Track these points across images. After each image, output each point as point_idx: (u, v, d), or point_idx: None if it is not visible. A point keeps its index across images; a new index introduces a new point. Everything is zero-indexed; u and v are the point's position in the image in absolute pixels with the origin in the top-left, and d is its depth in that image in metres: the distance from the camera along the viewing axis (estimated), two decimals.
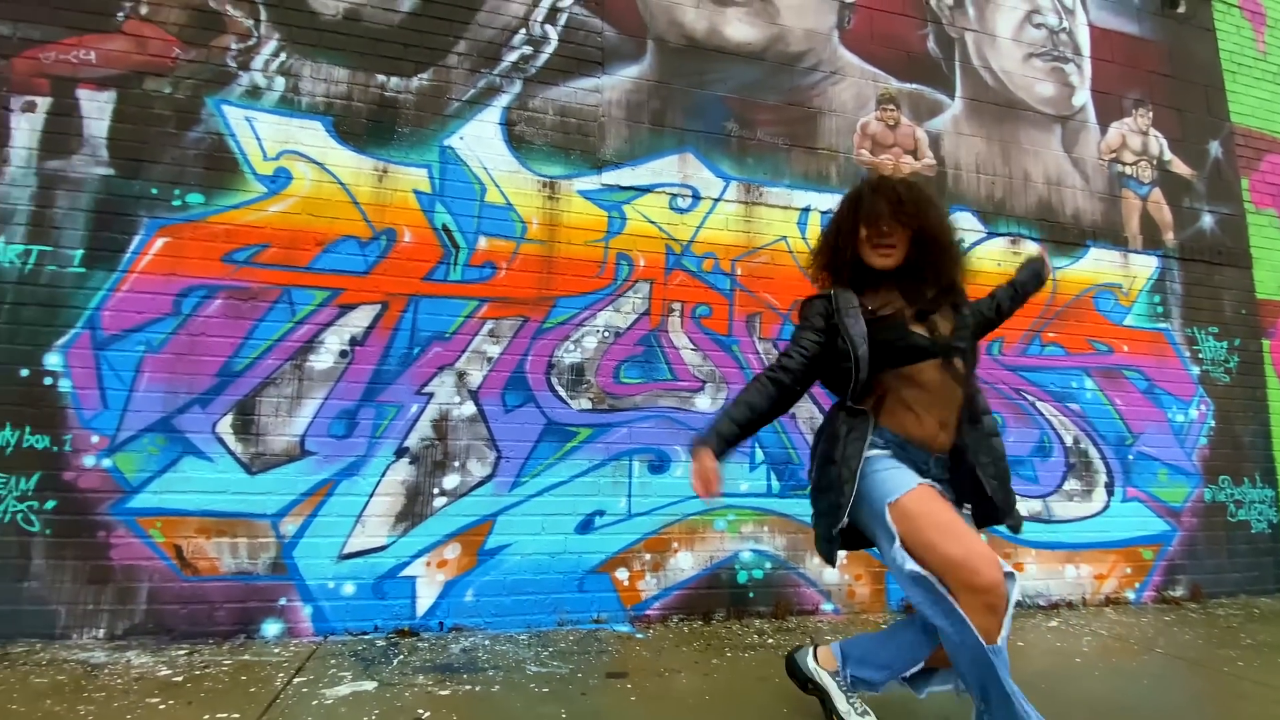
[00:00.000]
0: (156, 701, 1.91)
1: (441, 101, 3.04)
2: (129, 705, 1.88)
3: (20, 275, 2.53)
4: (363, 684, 2.09)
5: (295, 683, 2.09)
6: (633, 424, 3.03)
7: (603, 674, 2.26)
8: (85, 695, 1.94)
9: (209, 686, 2.04)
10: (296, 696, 1.98)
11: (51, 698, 1.91)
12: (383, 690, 2.05)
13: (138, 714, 1.83)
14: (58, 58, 2.68)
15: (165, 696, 1.95)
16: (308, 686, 2.06)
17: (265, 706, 1.90)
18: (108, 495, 2.49)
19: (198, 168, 2.73)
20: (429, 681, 2.14)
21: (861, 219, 1.70)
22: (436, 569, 2.73)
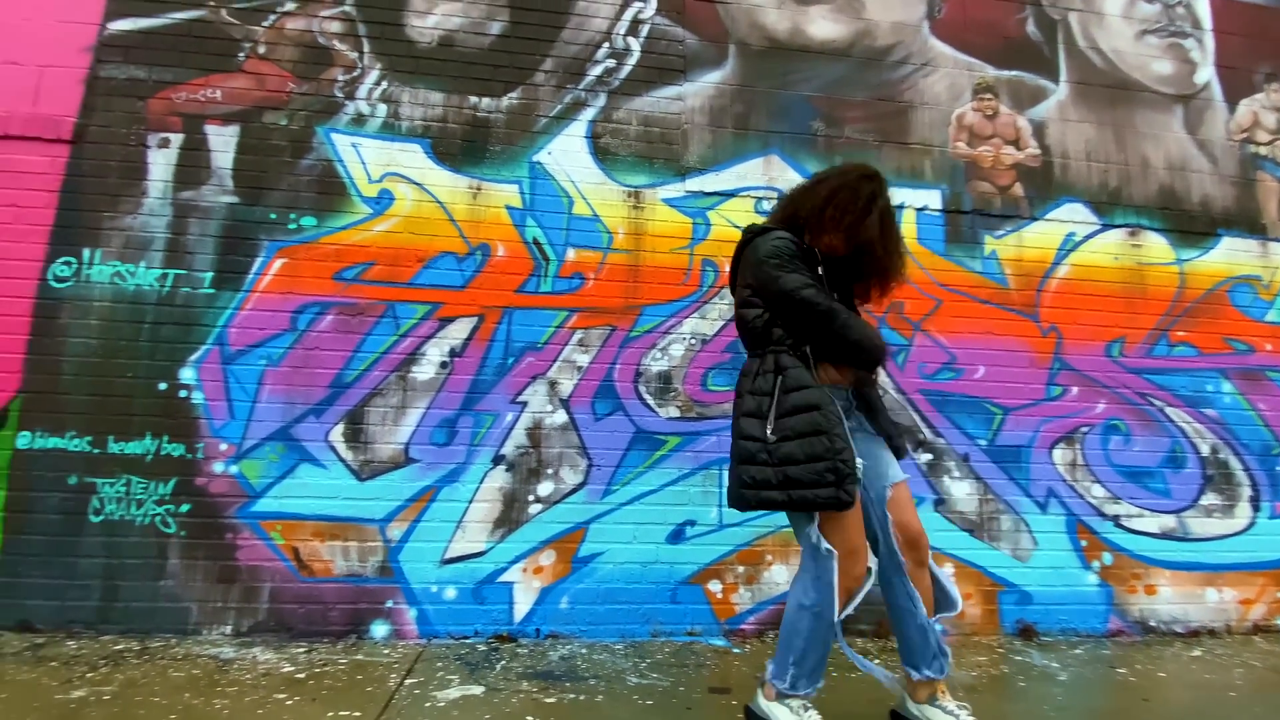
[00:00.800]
0: (284, 697, 2.02)
1: (530, 119, 3.12)
2: (259, 700, 1.99)
3: (159, 297, 2.78)
4: (470, 688, 2.13)
5: (407, 684, 2.15)
6: (721, 433, 2.97)
7: (704, 689, 2.21)
8: (219, 689, 2.07)
9: (329, 684, 2.14)
10: (410, 698, 2.04)
11: (189, 690, 2.05)
12: (490, 695, 2.09)
13: (268, 709, 1.94)
14: (188, 97, 2.94)
15: (291, 692, 2.06)
16: (419, 688, 2.12)
17: (383, 706, 1.96)
18: (234, 500, 2.68)
19: (310, 193, 2.92)
20: (533, 688, 2.15)
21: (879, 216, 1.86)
22: (533, 575, 2.77)
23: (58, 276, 2.73)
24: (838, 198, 1.86)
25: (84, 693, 1.98)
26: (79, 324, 2.71)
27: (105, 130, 2.86)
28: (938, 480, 3.09)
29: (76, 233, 2.77)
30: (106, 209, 2.80)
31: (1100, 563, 3.15)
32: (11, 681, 2.04)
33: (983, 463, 3.16)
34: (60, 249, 2.75)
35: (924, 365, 3.18)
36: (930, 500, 3.06)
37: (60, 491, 2.60)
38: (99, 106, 2.88)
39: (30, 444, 2.62)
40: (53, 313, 2.70)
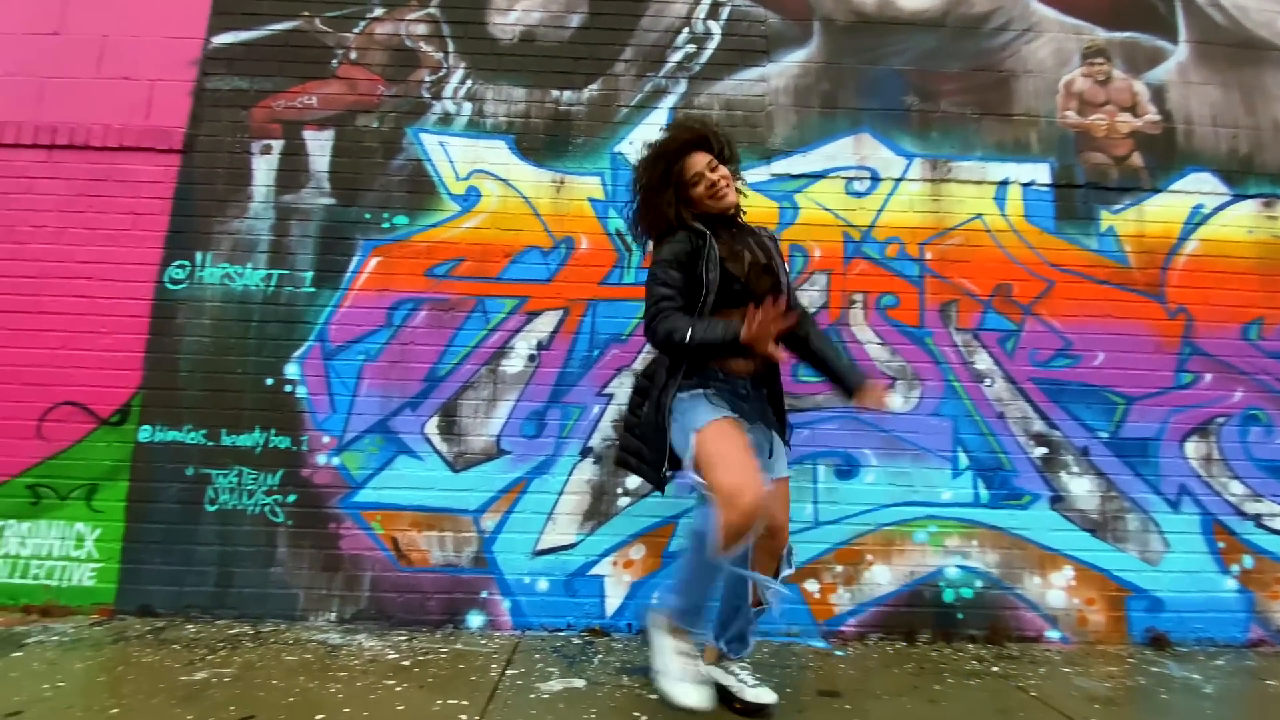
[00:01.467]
0: (392, 683, 2.04)
1: (611, 110, 3.09)
2: (369, 686, 2.02)
3: (264, 296, 2.89)
4: (572, 680, 2.10)
5: (509, 674, 2.14)
6: (815, 425, 2.85)
7: (814, 692, 2.10)
8: (330, 674, 2.11)
9: (434, 672, 2.15)
10: (513, 689, 2.03)
11: (303, 674, 2.10)
12: (592, 689, 2.05)
13: (379, 694, 1.96)
14: (287, 105, 3.06)
15: (399, 679, 2.08)
16: (521, 679, 2.11)
17: (489, 696, 1.95)
18: (337, 490, 2.75)
19: (401, 192, 2.98)
20: (635, 684, 2.10)
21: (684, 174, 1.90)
22: (623, 569, 2.72)
23: (173, 279, 2.89)
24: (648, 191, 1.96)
25: (206, 675, 2.06)
26: (193, 323, 2.86)
27: (212, 139, 3.01)
28: (1054, 476, 2.86)
29: (189, 237, 2.93)
30: (215, 214, 2.95)
31: (1240, 566, 2.83)
32: (136, 663, 2.15)
33: (1105, 457, 2.90)
34: (174, 253, 2.92)
35: (1036, 352, 2.95)
36: (1046, 497, 2.84)
37: (178, 482, 2.74)
38: (205, 117, 3.03)
39: (150, 437, 2.77)
40: (169, 313, 2.86)
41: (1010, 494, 2.83)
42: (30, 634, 2.39)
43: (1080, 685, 2.28)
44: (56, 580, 2.67)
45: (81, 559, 2.69)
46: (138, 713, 1.77)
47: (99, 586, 2.67)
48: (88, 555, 2.69)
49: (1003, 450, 2.85)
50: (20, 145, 2.98)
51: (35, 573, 2.68)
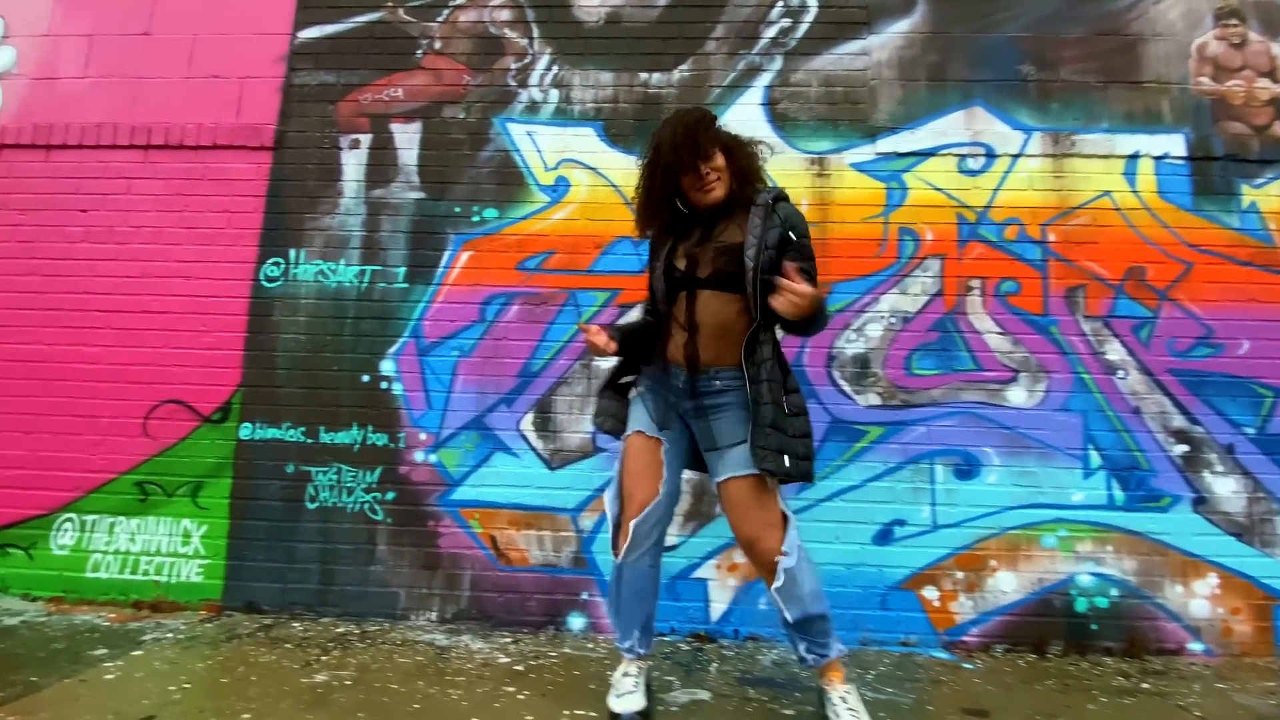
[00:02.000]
0: (512, 690, 1.97)
1: (702, 91, 2.94)
2: (490, 693, 1.96)
3: (358, 293, 2.87)
4: (695, 692, 2.00)
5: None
6: (931, 422, 2.67)
7: (958, 710, 1.95)
8: (447, 679, 2.06)
9: (549, 679, 2.08)
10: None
11: (420, 678, 2.06)
12: (721, 702, 1.94)
13: (503, 702, 1.90)
14: (373, 98, 3.02)
15: (517, 685, 2.01)
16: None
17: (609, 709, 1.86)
18: (435, 488, 2.72)
19: (490, 184, 2.91)
20: (763, 696, 1.99)
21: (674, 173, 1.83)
22: (728, 573, 2.61)
23: (268, 276, 2.89)
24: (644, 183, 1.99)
25: (325, 677, 2.03)
26: (289, 320, 2.85)
27: (302, 135, 3.00)
28: (1196, 476, 2.61)
29: (282, 234, 2.92)
30: (307, 210, 2.94)
31: None
32: (255, 663, 2.14)
33: (1252, 455, 2.64)
34: (269, 250, 2.91)
35: (1174, 340, 2.69)
36: (1187, 499, 2.60)
37: (279, 479, 2.75)
38: (294, 113, 3.02)
39: (251, 434, 2.78)
40: (265, 310, 2.86)
41: (1148, 495, 2.60)
42: (145, 630, 2.42)
43: (1243, 703, 2.08)
44: (166, 576, 2.71)
45: (189, 555, 2.72)
46: (269, 717, 1.75)
47: (206, 583, 2.70)
48: (195, 552, 2.73)
49: (1139, 448, 2.62)
50: (117, 146, 3.02)
51: (145, 569, 2.73)
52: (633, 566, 1.82)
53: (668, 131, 1.84)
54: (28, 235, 2.99)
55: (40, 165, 3.04)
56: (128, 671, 2.03)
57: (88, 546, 2.75)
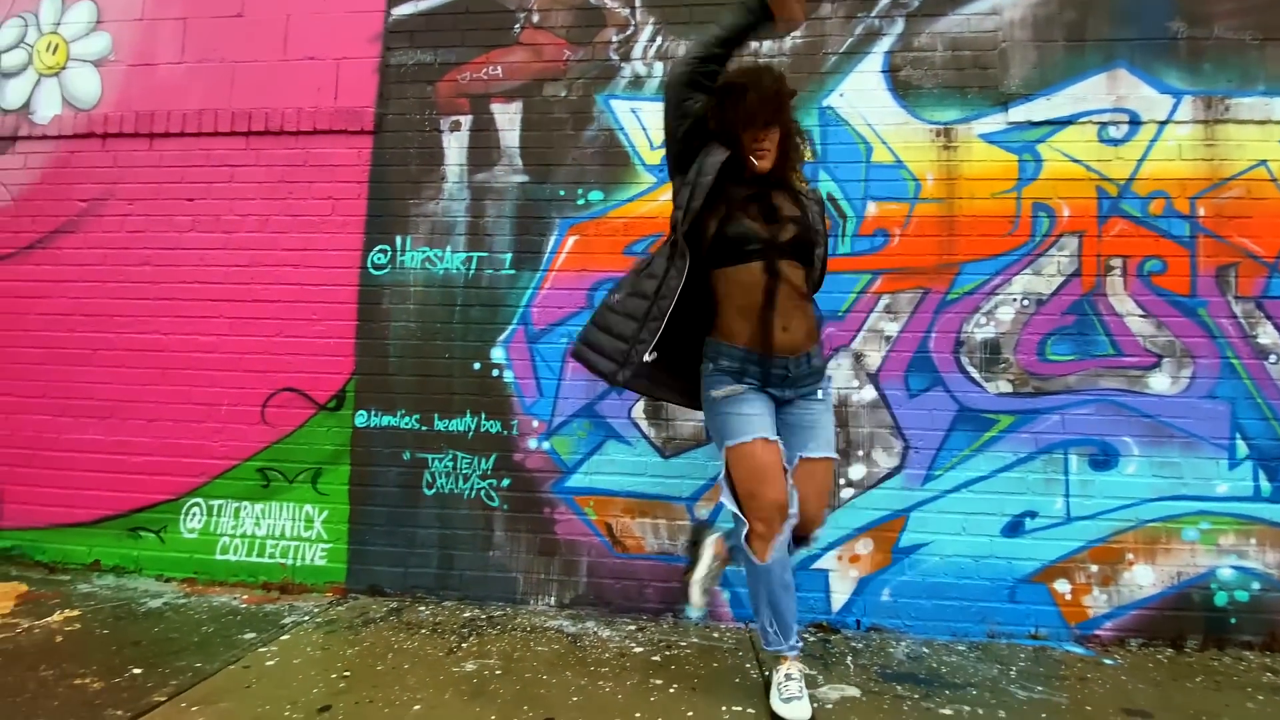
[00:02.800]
0: (660, 683, 1.98)
1: (818, 58, 2.78)
2: (641, 686, 1.96)
3: (466, 280, 2.84)
4: (843, 688, 1.98)
5: (769, 677, 2.05)
6: (1066, 410, 2.55)
7: (1119, 710, 1.89)
8: (591, 669, 2.08)
9: (690, 670, 2.09)
10: None
11: (565, 668, 2.08)
12: (871, 699, 1.92)
13: (657, 696, 1.90)
14: (472, 76, 2.93)
15: (661, 678, 2.02)
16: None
17: (768, 707, 1.86)
18: (549, 475, 2.72)
19: (595, 165, 2.82)
20: (913, 693, 1.96)
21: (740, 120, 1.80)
22: (849, 564, 2.57)
23: (375, 264, 2.88)
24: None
25: (474, 666, 2.08)
26: (399, 309, 2.85)
27: (401, 118, 2.94)
28: None
29: (387, 221, 2.90)
30: (411, 196, 2.90)
31: None
32: (402, 650, 2.20)
33: None
34: (375, 238, 2.89)
35: None
36: None
37: (396, 466, 2.79)
38: (393, 94, 2.95)
39: (367, 422, 2.82)
40: (375, 299, 2.86)
41: None
42: (282, 613, 2.51)
43: None
44: (291, 560, 2.80)
45: (312, 539, 2.80)
46: (439, 709, 1.79)
47: (330, 566, 2.77)
48: (317, 536, 2.80)
49: None
50: (219, 133, 3.01)
51: (271, 552, 2.82)
52: (779, 562, 1.81)
53: (767, 79, 1.85)
54: (137, 225, 3.02)
55: (144, 154, 3.05)
56: (285, 657, 2.10)
57: (216, 530, 2.85)
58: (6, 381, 3.02)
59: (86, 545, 2.90)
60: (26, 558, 2.93)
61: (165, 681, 1.90)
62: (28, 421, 2.99)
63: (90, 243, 3.04)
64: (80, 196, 3.07)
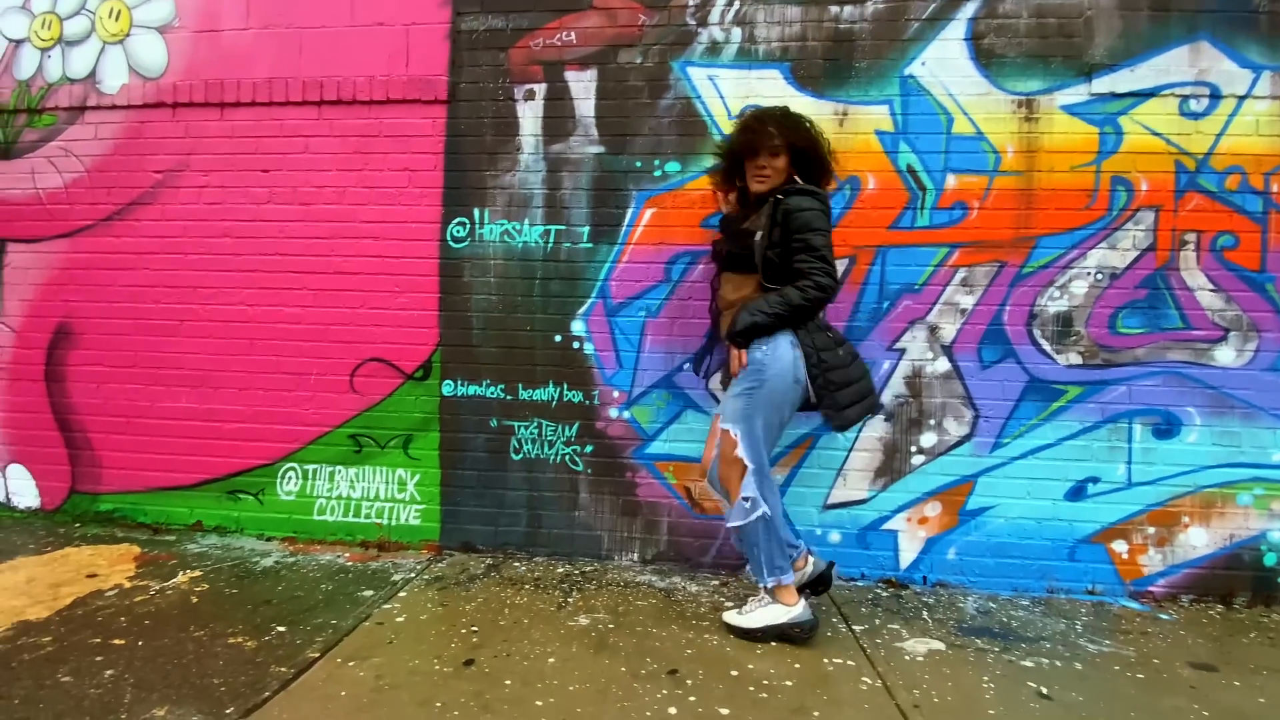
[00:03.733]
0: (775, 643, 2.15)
1: (899, 25, 2.74)
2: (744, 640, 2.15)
3: (544, 253, 2.89)
4: (929, 642, 2.17)
5: (856, 630, 2.24)
6: (1133, 381, 2.65)
7: (1185, 664, 2.07)
8: (693, 622, 2.26)
9: None
10: (878, 648, 2.11)
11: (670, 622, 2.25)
12: (956, 652, 2.11)
13: (763, 650, 2.08)
14: (545, 43, 2.89)
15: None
16: (874, 636, 2.19)
17: (866, 657, 2.04)
18: (630, 442, 2.85)
19: (672, 135, 2.82)
20: (992, 646, 2.15)
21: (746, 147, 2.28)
22: (917, 525, 2.73)
23: (455, 237, 2.93)
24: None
25: (586, 620, 2.26)
26: (480, 281, 2.91)
27: (474, 86, 2.92)
28: None
29: (465, 193, 2.92)
30: (488, 168, 2.91)
31: None
32: (515, 605, 2.37)
33: None
34: (453, 210, 2.93)
35: None
36: None
37: (484, 433, 2.92)
38: (465, 62, 2.92)
39: (454, 391, 2.93)
40: (456, 272, 2.92)
41: None
42: (388, 570, 2.68)
43: None
44: (386, 520, 2.97)
45: (405, 500, 2.96)
46: (570, 662, 1.97)
47: (424, 525, 2.94)
48: (410, 497, 2.96)
49: None
50: (290, 103, 3.00)
51: (367, 512, 2.98)
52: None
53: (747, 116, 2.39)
54: (214, 197, 3.05)
55: (216, 124, 3.05)
56: (411, 614, 2.28)
57: (312, 493, 3.00)
58: (97, 352, 3.12)
59: (188, 507, 3.07)
60: (129, 519, 3.11)
61: (311, 639, 2.07)
62: (120, 390, 3.11)
63: (169, 214, 3.07)
64: (154, 168, 3.08)
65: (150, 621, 2.16)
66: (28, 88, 3.18)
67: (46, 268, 3.16)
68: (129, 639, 2.03)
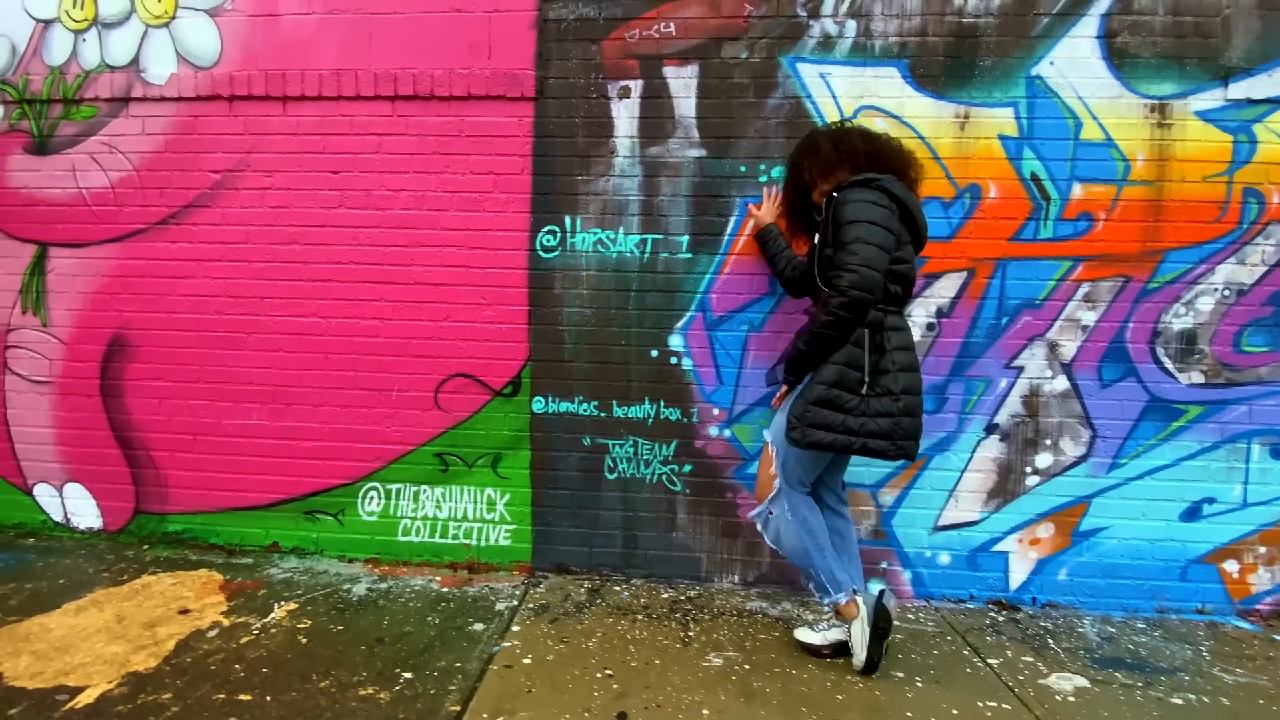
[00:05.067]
0: (903, 677, 2.10)
1: (1027, 20, 2.56)
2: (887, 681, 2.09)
3: (640, 264, 2.73)
4: (1070, 677, 2.13)
5: (993, 664, 2.19)
6: (1254, 400, 2.59)
7: None
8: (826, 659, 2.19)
9: (917, 661, 2.20)
10: (1024, 685, 2.06)
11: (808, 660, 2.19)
12: (1105, 690, 2.06)
13: (914, 694, 2.02)
14: (642, 34, 2.67)
15: (906, 674, 2.11)
16: (1018, 673, 2.14)
17: (1020, 700, 2.00)
18: (731, 462, 2.75)
19: (779, 138, 2.64)
20: (1135, 680, 2.11)
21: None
22: (1029, 546, 2.68)
23: (544, 246, 2.75)
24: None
25: (719, 660, 2.18)
26: (571, 293, 2.75)
27: (564, 83, 2.71)
28: None
29: (555, 199, 2.74)
30: (579, 172, 2.72)
31: None
32: (636, 641, 2.29)
33: None
34: (543, 217, 2.75)
35: None
36: None
37: (577, 451, 2.80)
38: (553, 54, 2.70)
39: (545, 408, 2.80)
40: (546, 283, 2.75)
41: None
42: (485, 596, 2.59)
43: None
44: (475, 540, 2.86)
45: (495, 521, 2.86)
46: (726, 714, 1.90)
47: (514, 546, 2.85)
48: (500, 518, 2.85)
49: None
50: (361, 98, 2.77)
51: (454, 533, 2.87)
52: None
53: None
54: (279, 200, 2.84)
55: (278, 120, 2.81)
56: (535, 654, 2.18)
57: (395, 513, 2.88)
58: (156, 366, 2.94)
59: (263, 528, 2.95)
60: (200, 541, 2.98)
61: (443, 687, 1.98)
62: (184, 406, 2.94)
63: (229, 219, 2.86)
64: (211, 167, 2.85)
65: (268, 670, 2.05)
66: (62, 75, 2.91)
67: (96, 275, 2.94)
68: (253, 693, 1.93)
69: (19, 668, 2.04)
